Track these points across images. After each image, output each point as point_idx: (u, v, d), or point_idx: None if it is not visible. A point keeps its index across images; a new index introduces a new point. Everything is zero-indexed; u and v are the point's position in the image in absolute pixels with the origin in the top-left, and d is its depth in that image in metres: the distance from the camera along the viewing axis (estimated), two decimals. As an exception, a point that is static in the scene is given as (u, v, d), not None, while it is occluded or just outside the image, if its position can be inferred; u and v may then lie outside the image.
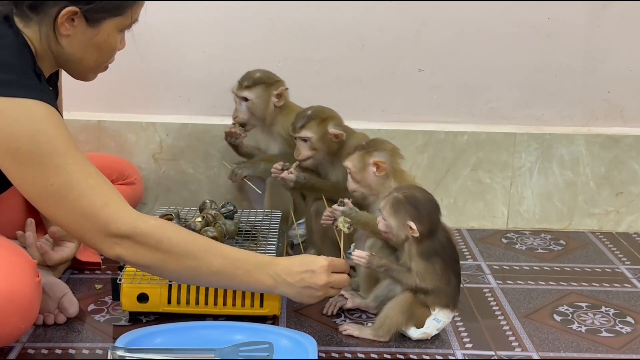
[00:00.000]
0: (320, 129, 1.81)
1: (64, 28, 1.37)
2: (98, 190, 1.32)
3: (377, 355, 1.51)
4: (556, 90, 2.24)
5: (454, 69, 2.21)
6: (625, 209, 2.27)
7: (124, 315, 1.62)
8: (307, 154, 1.83)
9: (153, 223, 1.35)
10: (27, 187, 1.32)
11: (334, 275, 1.43)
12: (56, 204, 1.31)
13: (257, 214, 1.91)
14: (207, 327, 1.54)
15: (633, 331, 1.64)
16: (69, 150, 1.31)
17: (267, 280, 1.40)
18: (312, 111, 1.84)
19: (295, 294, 1.42)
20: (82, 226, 1.32)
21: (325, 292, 1.43)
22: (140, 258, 1.34)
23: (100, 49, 1.43)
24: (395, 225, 1.52)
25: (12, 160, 1.30)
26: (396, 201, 1.52)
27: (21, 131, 1.28)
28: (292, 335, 1.51)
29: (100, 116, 2.19)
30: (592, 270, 1.98)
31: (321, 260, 1.43)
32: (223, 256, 1.38)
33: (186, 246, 1.35)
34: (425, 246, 1.51)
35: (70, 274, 1.83)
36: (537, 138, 2.22)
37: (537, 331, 1.63)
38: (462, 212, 2.26)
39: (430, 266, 1.51)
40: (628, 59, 2.22)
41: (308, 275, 1.40)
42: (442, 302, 1.53)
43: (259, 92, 1.97)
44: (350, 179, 1.68)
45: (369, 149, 1.66)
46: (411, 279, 1.52)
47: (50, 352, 1.48)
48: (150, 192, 2.22)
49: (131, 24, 1.45)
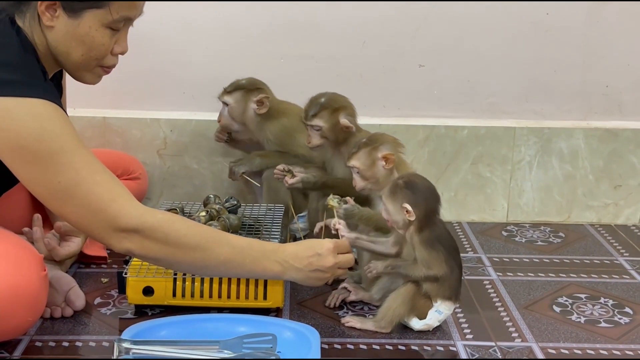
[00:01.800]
0: (332, 118, 1.79)
1: (45, 18, 1.37)
2: (105, 186, 1.32)
3: (379, 346, 1.51)
4: (555, 85, 2.24)
5: (454, 64, 2.21)
6: (624, 201, 2.26)
7: (130, 308, 1.63)
8: (318, 142, 1.83)
9: (160, 217, 1.35)
10: (35, 186, 1.32)
11: (340, 256, 1.44)
12: (64, 201, 1.31)
13: (260, 208, 1.91)
14: (212, 319, 1.54)
15: (631, 322, 1.64)
16: (75, 148, 1.31)
17: (275, 267, 1.40)
18: (325, 99, 1.81)
19: (303, 278, 1.43)
20: (91, 222, 1.32)
21: (333, 273, 1.44)
22: (149, 251, 1.34)
23: (83, 43, 1.39)
24: (393, 209, 1.52)
25: (20, 160, 1.30)
26: (395, 185, 1.53)
27: (27, 130, 1.28)
28: (295, 327, 1.51)
29: (105, 113, 2.19)
30: (591, 262, 1.98)
31: (327, 243, 1.44)
32: (230, 245, 1.39)
33: (194, 238, 1.35)
34: (426, 234, 1.51)
35: (77, 268, 1.83)
36: (537, 132, 2.22)
37: (536, 322, 1.63)
38: (462, 205, 2.26)
39: (435, 253, 1.51)
40: (626, 53, 2.22)
41: (315, 258, 1.42)
42: (444, 293, 1.53)
43: (237, 98, 1.99)
44: (358, 178, 1.67)
45: (374, 144, 1.65)
46: (418, 270, 1.51)
47: (57, 344, 1.48)
48: (154, 187, 2.22)
49: (118, 22, 1.39)
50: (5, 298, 1.33)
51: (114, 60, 1.46)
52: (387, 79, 2.22)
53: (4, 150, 1.30)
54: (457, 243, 1.58)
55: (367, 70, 2.21)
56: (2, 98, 1.28)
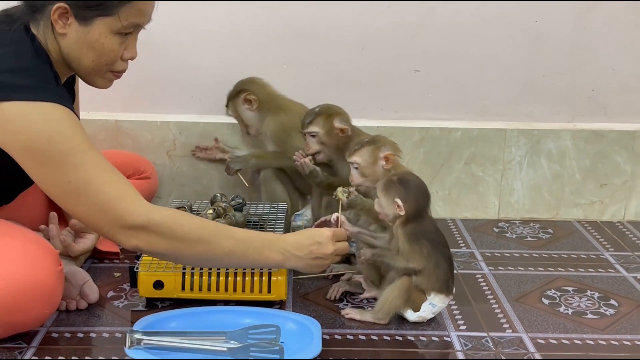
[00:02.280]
0: (326, 124, 1.81)
1: (58, 26, 1.37)
2: (113, 185, 1.32)
3: (377, 337, 1.51)
4: (544, 88, 2.24)
5: (448, 69, 2.21)
6: (609, 199, 2.26)
7: (141, 301, 1.63)
8: (316, 148, 1.83)
9: (166, 213, 1.35)
10: (47, 185, 1.32)
11: (338, 244, 1.46)
12: (75, 200, 1.31)
13: (264, 206, 1.91)
14: (218, 311, 1.55)
15: (616, 313, 1.64)
16: (85, 149, 1.31)
17: (277, 256, 1.41)
18: (319, 108, 1.84)
19: (304, 265, 1.44)
20: (100, 220, 1.32)
21: (332, 260, 1.46)
22: (156, 247, 1.35)
23: (94, 49, 1.39)
24: (385, 203, 1.53)
25: (33, 161, 1.30)
26: (388, 181, 1.54)
27: (40, 133, 1.28)
28: (298, 318, 1.51)
29: (117, 116, 2.20)
30: (578, 256, 1.98)
31: (325, 232, 1.46)
32: (234, 238, 1.39)
33: (198, 232, 1.36)
34: (411, 228, 1.52)
35: (91, 263, 1.83)
36: (527, 133, 2.22)
37: (526, 314, 1.63)
38: (456, 203, 2.26)
39: (417, 247, 1.51)
40: (611, 58, 2.22)
41: (316, 247, 1.43)
42: (435, 286, 1.53)
43: (232, 107, 2.02)
44: (357, 174, 1.67)
45: (377, 144, 1.66)
46: (400, 261, 1.53)
47: (72, 335, 1.49)
48: (164, 186, 2.22)
49: (127, 29, 1.39)
50: (23, 291, 1.34)
51: (124, 65, 1.46)
52: (384, 83, 2.22)
53: (17, 151, 1.31)
54: (448, 239, 1.58)
55: (366, 75, 2.21)
56: (16, 102, 1.28)
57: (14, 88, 1.29)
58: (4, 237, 1.41)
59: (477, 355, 1.44)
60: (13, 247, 1.38)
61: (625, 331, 1.56)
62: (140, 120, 2.19)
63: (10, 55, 1.34)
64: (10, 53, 1.34)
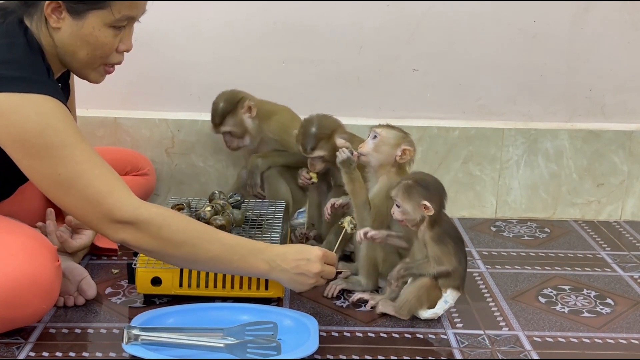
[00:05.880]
0: (329, 144, 1.77)
1: (52, 20, 1.37)
2: (103, 179, 1.32)
3: (374, 334, 1.51)
4: (541, 88, 2.24)
5: (446, 68, 2.21)
6: (606, 199, 2.26)
7: (139, 298, 1.63)
8: (322, 167, 1.82)
9: (155, 211, 1.34)
10: (37, 178, 1.32)
11: (326, 266, 1.43)
12: (64, 192, 1.31)
13: (262, 204, 1.90)
14: (216, 308, 1.55)
15: (612, 312, 1.64)
16: (75, 142, 1.31)
17: (262, 265, 1.39)
18: (316, 128, 1.77)
19: (288, 279, 1.41)
20: (89, 213, 1.32)
21: (316, 281, 1.43)
22: (142, 243, 1.34)
23: (88, 43, 1.39)
24: (411, 208, 1.50)
25: (23, 153, 1.30)
26: (407, 186, 1.51)
27: (31, 125, 1.28)
28: (295, 315, 1.51)
29: (116, 113, 2.19)
30: (575, 255, 1.98)
31: (316, 250, 1.43)
32: (220, 243, 1.38)
33: (185, 233, 1.35)
34: (437, 230, 1.51)
35: (89, 259, 1.83)
36: (524, 133, 2.22)
37: (523, 312, 1.63)
38: (453, 202, 2.25)
39: (445, 248, 1.50)
40: (608, 58, 2.22)
41: (303, 262, 1.40)
42: (454, 283, 1.52)
43: (233, 120, 1.97)
44: (372, 144, 1.63)
45: (407, 136, 1.65)
46: (430, 268, 1.51)
47: (70, 331, 1.48)
48: (163, 184, 2.22)
49: (121, 21, 1.39)
50: (21, 287, 1.34)
51: (119, 57, 1.45)
52: (382, 82, 2.22)
53: (8, 143, 1.30)
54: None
55: (364, 74, 2.21)
56: (7, 94, 1.28)
57: (6, 80, 1.29)
58: (2, 233, 1.41)
59: (473, 353, 1.44)
60: (11, 243, 1.38)
61: (621, 330, 1.56)
62: (138, 118, 2.19)
63: (2, 48, 1.34)
64: (3, 45, 1.35)
